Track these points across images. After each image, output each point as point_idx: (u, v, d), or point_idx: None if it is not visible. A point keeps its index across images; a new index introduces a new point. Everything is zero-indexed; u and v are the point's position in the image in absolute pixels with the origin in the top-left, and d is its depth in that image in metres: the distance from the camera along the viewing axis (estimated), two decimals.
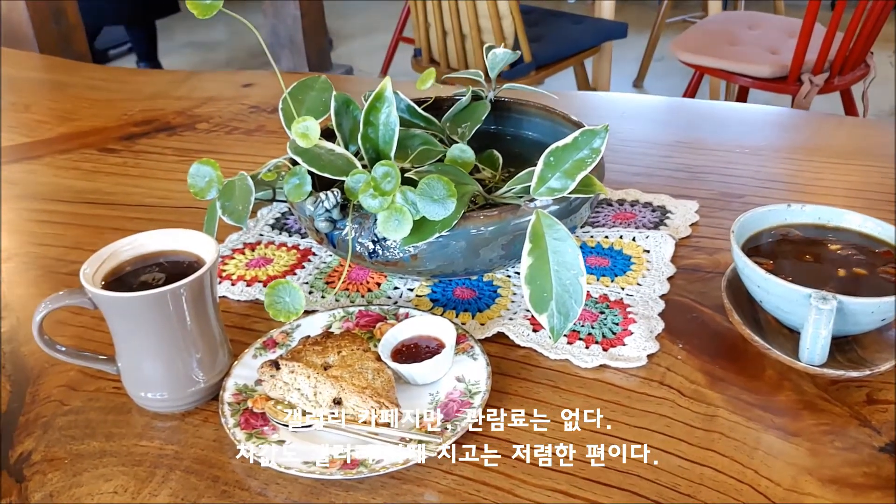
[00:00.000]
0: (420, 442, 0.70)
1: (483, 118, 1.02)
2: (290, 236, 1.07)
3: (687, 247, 0.99)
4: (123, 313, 0.72)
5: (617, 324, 0.86)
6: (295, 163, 0.93)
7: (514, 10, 2.66)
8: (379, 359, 0.78)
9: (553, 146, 0.80)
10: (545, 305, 0.77)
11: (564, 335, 0.85)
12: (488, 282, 0.94)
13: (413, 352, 0.80)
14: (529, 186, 0.84)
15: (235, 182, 0.92)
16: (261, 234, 1.08)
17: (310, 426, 0.73)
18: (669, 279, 0.93)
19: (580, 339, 0.84)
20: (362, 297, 0.93)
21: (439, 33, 2.85)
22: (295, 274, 0.98)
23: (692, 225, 1.04)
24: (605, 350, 0.82)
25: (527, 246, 0.78)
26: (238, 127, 1.43)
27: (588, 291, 0.91)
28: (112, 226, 1.12)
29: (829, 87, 2.63)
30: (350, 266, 0.99)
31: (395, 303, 0.92)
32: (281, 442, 0.71)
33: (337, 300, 0.93)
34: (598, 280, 0.93)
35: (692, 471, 0.68)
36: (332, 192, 0.83)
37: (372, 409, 0.73)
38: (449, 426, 0.71)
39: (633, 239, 1.00)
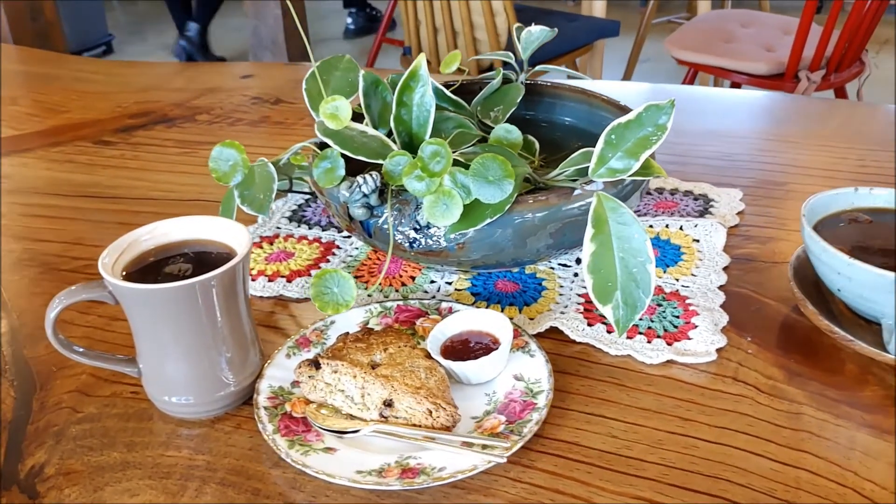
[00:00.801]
0: (485, 447, 0.63)
1: (518, 101, 0.95)
2: (309, 228, 0.99)
3: (737, 236, 0.93)
4: (148, 308, 0.64)
5: (678, 316, 0.80)
6: (322, 147, 0.86)
7: (508, 7, 2.61)
8: (429, 356, 0.71)
9: (615, 123, 0.74)
10: (609, 296, 0.71)
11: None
12: (531, 274, 0.88)
13: (464, 349, 0.73)
14: (582, 169, 0.78)
15: (255, 169, 0.84)
16: (278, 227, 1.00)
17: (357, 431, 0.66)
18: (724, 269, 0.87)
19: (640, 332, 0.78)
20: (396, 291, 0.86)
21: (430, 30, 2.78)
22: (320, 268, 0.91)
23: (738, 213, 0.98)
24: (669, 344, 0.76)
25: (589, 231, 0.71)
26: (241, 118, 1.35)
27: None
28: (116, 220, 1.04)
29: (826, 84, 2.60)
30: (380, 256, 0.92)
31: (433, 297, 0.85)
32: (329, 450, 0.64)
33: (369, 295, 0.86)
34: None
35: (786, 474, 0.62)
36: (372, 175, 0.76)
37: (427, 411, 0.66)
38: (514, 429, 0.65)
39: (681, 228, 0.95)
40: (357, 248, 0.94)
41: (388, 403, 0.67)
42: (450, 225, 0.73)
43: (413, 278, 0.88)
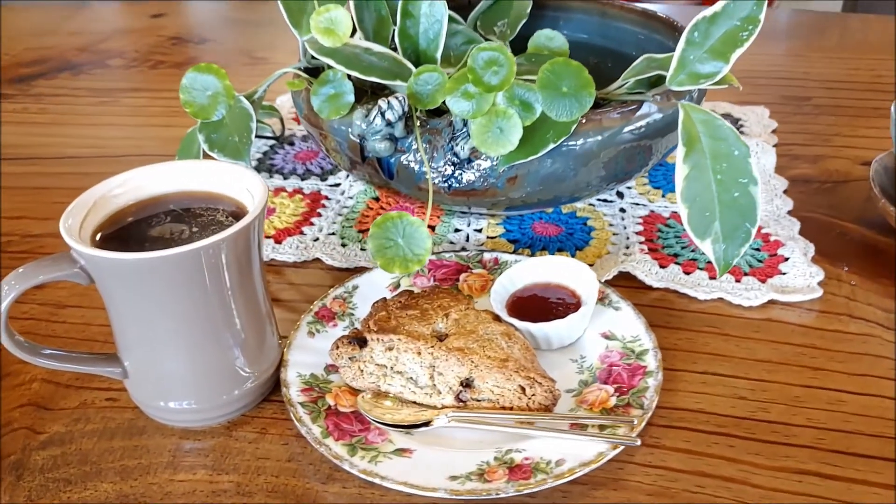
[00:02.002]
0: (603, 428, 0.49)
1: (527, 12, 0.80)
2: (284, 179, 0.82)
3: (782, 156, 0.82)
4: (137, 284, 0.47)
5: (758, 249, 0.68)
6: (313, 73, 0.69)
7: None
8: (498, 319, 0.56)
9: (699, 17, 0.60)
10: (708, 229, 0.58)
11: (700, 268, 0.66)
12: (569, 213, 0.74)
13: (536, 307, 0.58)
14: (644, 80, 0.64)
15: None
16: None
17: (428, 424, 0.51)
18: (785, 193, 0.76)
19: None
20: None
21: None
22: (312, 224, 0.74)
23: (773, 132, 0.88)
24: (762, 282, 0.64)
25: (680, 152, 0.58)
26: (163, 61, 1.14)
27: None
28: (33, 184, 0.83)
29: None
30: (390, 203, 0.76)
31: (462, 248, 0.70)
32: (402, 452, 0.49)
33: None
34: None
35: None
36: (398, 97, 0.59)
37: (520, 389, 0.51)
38: (630, 401, 0.51)
39: None
40: (351, 198, 0.78)
41: (467, 383, 0.52)
42: (505, 154, 0.58)
43: (433, 228, 0.72)
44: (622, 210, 0.74)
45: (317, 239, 0.72)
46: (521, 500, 0.47)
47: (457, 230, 0.72)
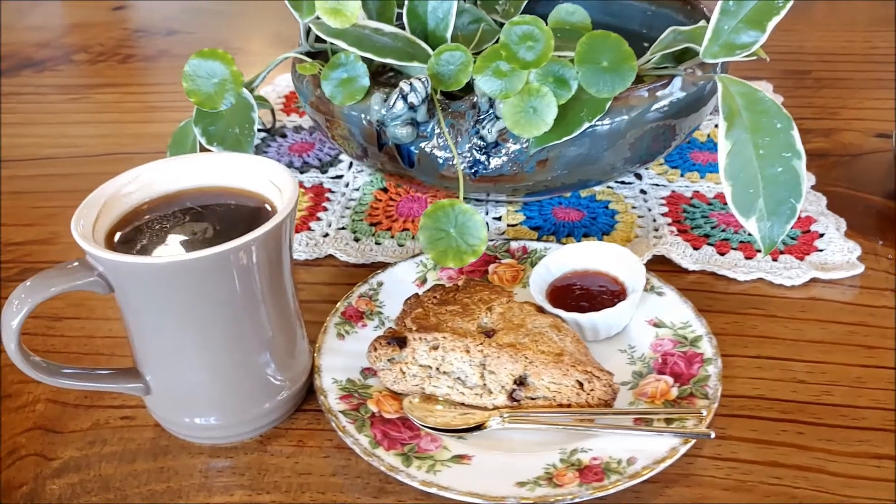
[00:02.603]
0: (669, 421, 0.47)
1: None
2: None
3: None
4: (162, 291, 0.42)
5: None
6: (316, 56, 0.65)
7: None
8: (542, 311, 0.53)
9: None
10: (752, 206, 0.55)
11: (734, 248, 0.64)
12: (588, 198, 0.71)
13: (577, 296, 0.55)
14: (671, 54, 0.61)
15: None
16: None
17: (481, 427, 0.47)
18: None
19: (754, 250, 0.63)
20: None
21: None
22: (319, 219, 0.70)
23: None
24: (800, 260, 0.62)
25: (721, 127, 0.55)
26: (132, 55, 1.08)
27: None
28: (11, 189, 0.77)
29: None
30: (400, 194, 0.72)
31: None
32: (460, 459, 0.45)
33: (400, 245, 0.66)
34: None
35: None
36: (421, 79, 0.56)
37: (577, 385, 0.48)
38: (693, 391, 0.48)
39: None
40: (357, 189, 0.73)
41: (521, 381, 0.48)
42: (537, 136, 0.55)
43: None
44: (643, 192, 0.71)
45: (326, 235, 0.68)
46: (590, 501, 0.44)
47: None
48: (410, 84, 0.56)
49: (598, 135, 0.58)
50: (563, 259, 0.57)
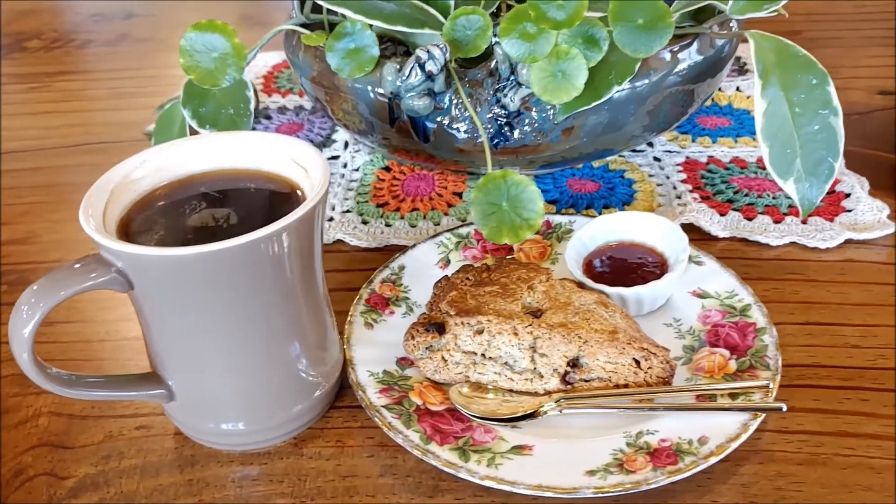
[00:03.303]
0: (734, 396, 0.44)
1: None
2: None
3: None
4: (192, 285, 0.38)
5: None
6: (311, 29, 0.60)
7: None
8: (582, 286, 0.50)
9: None
10: (789, 167, 0.53)
11: (760, 212, 0.61)
12: (601, 168, 0.68)
13: (615, 269, 0.52)
14: (689, 13, 0.59)
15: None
16: None
17: (533, 415, 0.44)
18: None
19: (784, 213, 0.61)
20: (445, 215, 0.63)
21: None
22: None
23: None
24: (829, 221, 0.60)
25: (757, 85, 0.53)
26: (91, 40, 1.01)
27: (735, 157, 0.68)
28: None
29: None
30: (404, 172, 0.67)
31: None
32: (520, 450, 0.42)
33: (412, 226, 0.62)
34: (714, 143, 0.70)
35: None
36: (439, 45, 0.52)
37: (634, 363, 0.45)
38: (752, 362, 0.46)
39: (738, 89, 0.79)
40: (356, 170, 0.69)
41: (574, 363, 0.45)
42: (566, 102, 0.52)
43: (459, 194, 0.65)
44: (657, 159, 0.69)
45: (331, 219, 0.63)
46: (666, 487, 0.41)
47: None
48: (428, 51, 0.52)
49: (620, 101, 0.55)
50: (597, 231, 0.54)
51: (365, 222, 0.63)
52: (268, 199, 0.43)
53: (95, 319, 0.55)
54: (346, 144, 0.72)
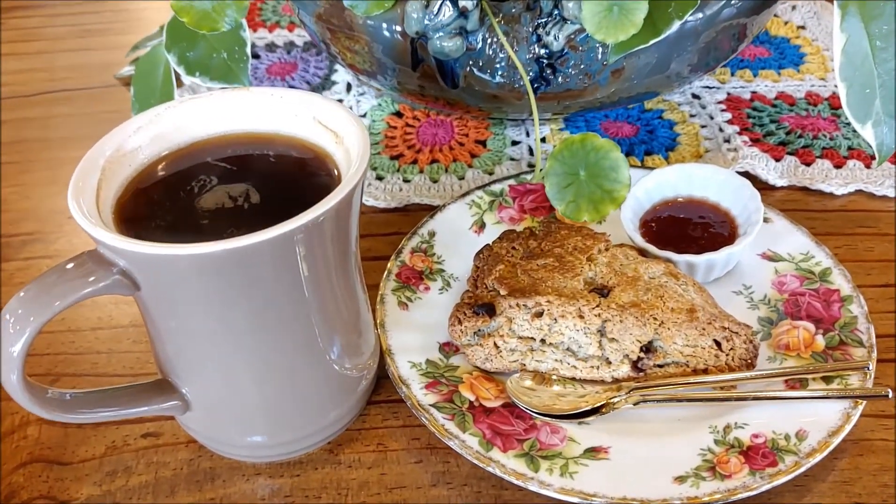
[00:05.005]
0: (827, 379, 0.39)
1: None
2: None
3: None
4: (211, 284, 0.31)
5: None
6: None
7: None
8: (643, 253, 0.44)
9: None
10: (868, 110, 0.47)
11: (818, 155, 0.56)
12: (638, 107, 0.61)
13: (675, 231, 0.46)
14: None
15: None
16: None
17: (602, 408, 0.39)
18: None
19: (843, 156, 0.55)
20: (468, 166, 0.56)
21: None
22: None
23: None
24: (894, 165, 0.54)
25: (837, 16, 0.46)
26: None
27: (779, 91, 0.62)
28: None
29: None
30: (418, 118, 0.60)
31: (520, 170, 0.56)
32: (595, 453, 0.37)
33: (434, 181, 0.55)
34: (759, 75, 0.64)
35: None
36: None
37: (715, 346, 0.40)
38: (843, 338, 0.41)
39: (775, 14, 0.72)
40: (364, 116, 0.62)
41: (648, 347, 0.40)
42: (621, 41, 0.44)
43: (483, 143, 0.58)
44: (696, 97, 0.62)
45: None
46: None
47: (515, 142, 0.58)
48: None
49: (672, 37, 0.48)
50: (652, 186, 0.47)
51: (380, 178, 0.56)
52: (292, 170, 0.36)
53: (78, 328, 0.47)
54: (349, 86, 0.65)
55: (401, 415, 0.41)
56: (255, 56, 0.70)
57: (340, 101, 0.64)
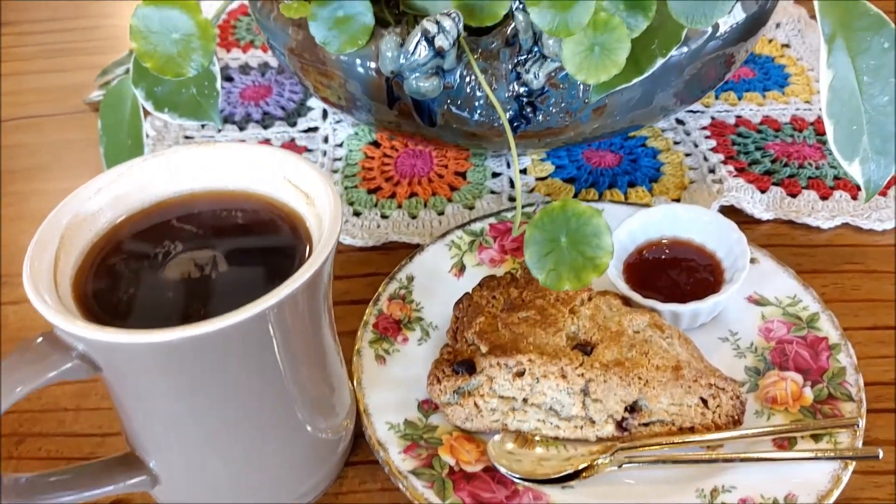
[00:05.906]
0: (816, 437, 0.38)
1: None
2: (240, 129, 0.63)
3: None
4: (177, 370, 0.30)
5: None
6: None
7: None
8: (627, 302, 0.43)
9: None
10: (855, 146, 0.46)
11: (804, 186, 0.55)
12: (619, 137, 0.60)
13: (659, 277, 0.45)
14: None
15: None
16: (186, 136, 0.62)
17: (587, 470, 0.38)
18: None
19: (827, 187, 0.54)
20: (448, 200, 0.55)
21: None
22: None
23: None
24: (883, 196, 0.53)
25: (823, 52, 0.45)
26: None
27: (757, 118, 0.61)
28: None
29: None
30: (396, 148, 0.59)
31: (516, 200, 0.55)
32: None
33: (413, 216, 0.54)
34: (739, 98, 0.63)
35: None
36: (451, 14, 0.42)
37: (701, 403, 0.39)
38: (832, 391, 0.40)
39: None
40: (340, 146, 0.60)
41: (633, 407, 0.39)
42: (603, 81, 0.43)
43: (462, 174, 0.57)
44: (680, 122, 0.61)
45: None
46: None
47: (496, 174, 0.57)
48: (437, 22, 0.42)
49: (656, 72, 0.46)
50: (636, 228, 0.46)
51: (357, 213, 0.54)
52: (261, 234, 0.35)
53: (41, 406, 0.44)
54: (325, 113, 0.63)
55: (379, 477, 0.39)
56: (229, 79, 0.68)
57: (316, 128, 0.62)
